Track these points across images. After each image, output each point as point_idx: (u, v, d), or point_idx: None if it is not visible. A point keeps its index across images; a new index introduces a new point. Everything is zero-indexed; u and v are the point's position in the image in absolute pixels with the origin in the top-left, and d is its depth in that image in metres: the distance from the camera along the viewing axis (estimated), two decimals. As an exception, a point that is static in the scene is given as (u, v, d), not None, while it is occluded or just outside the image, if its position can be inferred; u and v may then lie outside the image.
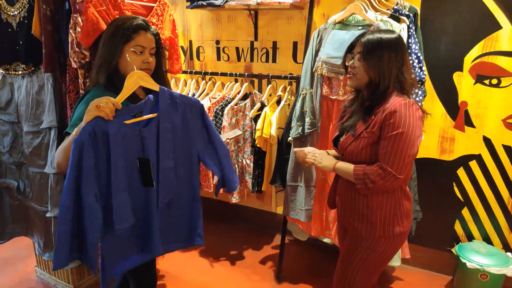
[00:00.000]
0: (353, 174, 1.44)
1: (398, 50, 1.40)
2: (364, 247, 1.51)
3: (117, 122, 1.29)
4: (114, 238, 1.37)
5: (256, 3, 2.54)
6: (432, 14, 2.33)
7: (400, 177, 1.37)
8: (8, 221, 2.31)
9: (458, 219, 2.53)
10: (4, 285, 2.46)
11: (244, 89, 2.70)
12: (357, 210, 1.51)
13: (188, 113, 1.48)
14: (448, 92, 2.39)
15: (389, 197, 1.46)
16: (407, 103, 1.36)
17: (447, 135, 2.45)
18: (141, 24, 1.42)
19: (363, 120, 1.46)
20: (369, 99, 1.46)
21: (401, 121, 1.34)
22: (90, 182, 1.26)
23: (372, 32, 1.44)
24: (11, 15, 2.00)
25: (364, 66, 1.42)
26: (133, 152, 1.36)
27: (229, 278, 2.58)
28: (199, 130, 1.52)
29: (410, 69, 1.46)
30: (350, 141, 1.48)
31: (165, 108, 1.40)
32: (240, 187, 2.74)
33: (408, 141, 1.35)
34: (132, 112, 1.34)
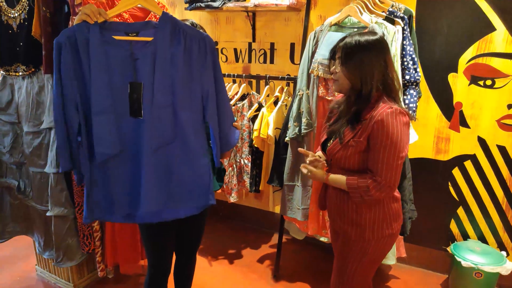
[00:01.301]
0: (346, 187, 1.45)
1: (379, 52, 1.38)
2: (356, 250, 1.53)
3: (103, 33, 1.22)
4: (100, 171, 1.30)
5: (254, 5, 2.57)
6: (427, 16, 2.36)
7: (395, 187, 1.39)
8: (8, 220, 2.34)
9: (453, 219, 2.56)
10: (4, 284, 2.49)
11: (242, 90, 2.73)
12: (346, 215, 1.53)
13: (194, 48, 1.31)
14: (443, 93, 2.42)
15: (377, 201, 1.47)
16: (394, 111, 1.36)
17: (442, 136, 2.48)
18: None
19: (351, 127, 1.45)
20: (355, 103, 1.45)
21: (388, 130, 1.34)
22: (69, 88, 1.24)
23: (352, 35, 1.42)
24: (12, 17, 2.03)
25: (344, 71, 1.42)
26: (123, 75, 1.26)
27: (227, 277, 2.61)
28: (205, 69, 1.34)
29: (394, 70, 1.45)
30: (338, 149, 1.49)
31: (164, 35, 1.26)
32: (238, 187, 2.77)
33: (398, 149, 1.36)
34: (126, 29, 1.27)
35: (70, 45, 1.20)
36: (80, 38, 1.21)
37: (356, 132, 1.42)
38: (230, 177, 2.72)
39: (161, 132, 1.30)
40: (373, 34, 1.41)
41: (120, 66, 1.25)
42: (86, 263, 2.40)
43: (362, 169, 1.47)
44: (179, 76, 1.29)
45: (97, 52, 1.21)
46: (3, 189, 2.31)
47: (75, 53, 1.21)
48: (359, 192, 1.42)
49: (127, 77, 1.26)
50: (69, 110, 1.26)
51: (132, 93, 1.26)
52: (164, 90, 1.28)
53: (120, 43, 1.24)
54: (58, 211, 2.09)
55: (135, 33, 1.27)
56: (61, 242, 2.14)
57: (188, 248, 1.83)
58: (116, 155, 1.30)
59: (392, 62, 1.44)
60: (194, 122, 1.36)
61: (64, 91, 1.24)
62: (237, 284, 2.53)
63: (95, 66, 1.22)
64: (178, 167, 1.36)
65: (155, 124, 1.28)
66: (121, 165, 1.33)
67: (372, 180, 1.39)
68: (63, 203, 2.09)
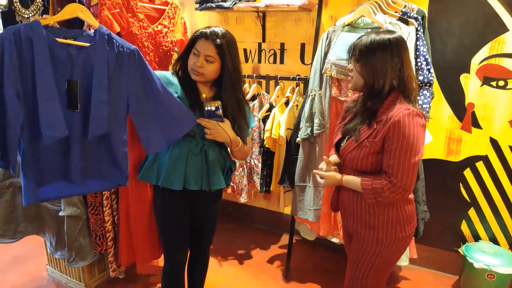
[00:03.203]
0: (361, 188, 1.44)
1: (394, 50, 1.38)
2: (370, 252, 1.52)
3: (45, 32, 1.37)
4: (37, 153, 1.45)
5: (265, 5, 2.57)
6: (439, 17, 2.35)
7: (410, 190, 1.39)
8: (20, 220, 2.34)
9: (464, 220, 2.56)
10: (16, 283, 2.49)
11: (253, 90, 2.73)
12: (360, 217, 1.52)
13: (125, 56, 1.53)
14: (455, 93, 2.42)
15: (391, 203, 1.46)
16: (410, 112, 1.35)
17: (454, 137, 2.47)
18: (204, 32, 1.57)
19: (367, 124, 1.44)
20: (368, 99, 1.45)
21: (405, 132, 1.34)
22: (11, 80, 1.35)
23: (368, 34, 1.43)
24: (26, 17, 2.03)
25: (357, 67, 1.43)
26: (64, 74, 1.44)
27: (238, 277, 2.61)
28: (133, 75, 1.55)
29: (411, 69, 1.44)
30: (352, 148, 1.48)
31: (102, 42, 1.47)
32: (248, 187, 2.77)
33: (414, 151, 1.35)
34: (65, 34, 1.46)
35: (15, 40, 1.34)
36: (24, 36, 1.35)
37: (372, 132, 1.42)
38: (241, 178, 2.72)
39: (99, 125, 1.50)
40: (390, 33, 1.41)
41: (60, 63, 1.42)
42: (97, 263, 2.41)
43: (375, 170, 1.46)
44: (111, 78, 1.50)
45: (42, 48, 1.37)
46: (15, 189, 2.30)
47: (19, 48, 1.35)
48: (373, 193, 1.41)
49: (65, 75, 1.44)
50: (13, 101, 1.37)
51: (70, 89, 1.45)
52: (101, 88, 1.47)
53: (60, 44, 1.42)
54: (70, 211, 2.09)
55: (72, 38, 1.47)
56: (74, 242, 2.14)
57: (201, 244, 1.91)
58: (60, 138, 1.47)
59: (409, 60, 1.43)
60: (120, 116, 1.57)
61: (5, 85, 1.36)
62: (249, 285, 2.53)
63: (40, 61, 1.37)
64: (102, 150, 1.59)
65: (95, 117, 1.48)
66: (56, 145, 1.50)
67: (387, 181, 1.38)
68: (75, 203, 2.09)
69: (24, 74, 1.37)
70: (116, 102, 1.53)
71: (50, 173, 1.51)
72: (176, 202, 1.72)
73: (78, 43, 1.45)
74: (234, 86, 1.65)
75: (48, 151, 1.48)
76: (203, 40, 1.56)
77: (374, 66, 1.39)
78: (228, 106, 1.65)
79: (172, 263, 1.81)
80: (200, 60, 1.56)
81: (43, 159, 1.48)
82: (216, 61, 1.59)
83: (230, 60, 1.59)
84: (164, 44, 2.13)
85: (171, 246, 1.79)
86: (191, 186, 1.66)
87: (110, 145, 1.58)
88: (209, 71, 1.59)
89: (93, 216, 2.12)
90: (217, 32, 1.57)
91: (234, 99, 1.66)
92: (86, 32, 1.50)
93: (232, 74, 1.62)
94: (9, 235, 2.30)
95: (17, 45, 1.34)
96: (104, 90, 1.47)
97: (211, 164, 1.68)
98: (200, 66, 1.57)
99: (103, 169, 1.61)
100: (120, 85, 1.53)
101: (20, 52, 1.35)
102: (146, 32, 2.02)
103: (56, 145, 1.48)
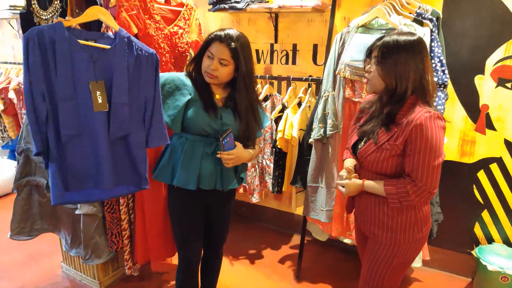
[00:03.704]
0: (385, 192, 1.43)
1: (416, 53, 1.36)
2: (387, 253, 1.52)
3: (67, 34, 1.41)
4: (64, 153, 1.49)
5: (278, 6, 2.58)
6: (454, 17, 2.34)
7: (434, 192, 1.38)
8: (36, 218, 2.38)
9: (478, 222, 2.54)
10: (31, 280, 2.53)
11: (265, 91, 2.74)
12: (376, 218, 1.52)
13: (143, 60, 1.57)
14: (469, 95, 2.40)
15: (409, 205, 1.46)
16: (432, 115, 1.35)
17: (468, 138, 2.46)
18: (219, 35, 1.58)
19: (385, 128, 1.43)
20: (388, 104, 1.43)
21: (428, 135, 1.33)
22: (36, 78, 1.39)
23: (390, 34, 1.40)
24: (44, 18, 2.07)
25: (379, 71, 1.40)
26: (84, 73, 1.46)
27: (250, 277, 2.63)
28: (151, 78, 1.60)
29: (431, 73, 1.43)
30: (371, 151, 1.47)
31: (122, 45, 1.50)
32: (260, 188, 2.78)
33: (437, 154, 1.35)
34: (86, 36, 1.49)
35: (38, 41, 1.38)
36: (47, 37, 1.39)
37: (392, 135, 1.41)
38: (253, 178, 2.74)
39: (119, 126, 1.54)
40: (412, 35, 1.39)
41: (81, 65, 1.46)
42: (111, 261, 2.44)
43: (395, 173, 1.45)
44: (132, 79, 1.54)
45: (64, 50, 1.41)
46: (31, 187, 2.34)
47: (43, 49, 1.39)
48: (398, 197, 1.41)
49: (88, 76, 1.47)
50: (37, 99, 1.42)
51: (95, 90, 1.48)
52: (122, 90, 1.51)
53: (82, 46, 1.46)
54: (87, 209, 2.12)
55: (93, 40, 1.50)
56: (90, 240, 2.18)
57: (215, 243, 1.94)
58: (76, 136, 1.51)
59: (430, 64, 1.41)
60: (138, 118, 1.61)
61: (32, 83, 1.40)
62: (260, 285, 2.55)
63: (60, 62, 1.41)
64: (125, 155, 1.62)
65: (116, 118, 1.51)
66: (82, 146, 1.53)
67: (412, 185, 1.38)
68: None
69: (47, 74, 1.41)
70: (134, 104, 1.57)
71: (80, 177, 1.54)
72: (191, 202, 1.75)
73: (99, 45, 1.48)
74: (248, 88, 1.66)
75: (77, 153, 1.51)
76: (217, 43, 1.57)
77: (397, 69, 1.36)
78: (241, 108, 1.66)
79: (186, 261, 1.84)
80: (214, 63, 1.58)
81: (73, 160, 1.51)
82: (230, 64, 1.60)
83: (244, 63, 1.61)
84: (179, 45, 2.15)
85: (185, 245, 1.82)
86: (205, 186, 1.68)
87: (130, 148, 1.60)
88: (223, 74, 1.61)
89: (109, 215, 2.15)
90: (232, 35, 1.57)
91: (247, 101, 1.67)
92: (106, 34, 1.53)
93: (246, 76, 1.63)
94: (25, 232, 2.35)
95: (41, 46, 1.38)
96: (124, 92, 1.51)
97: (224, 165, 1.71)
98: (214, 69, 1.58)
99: (128, 173, 1.64)
100: (138, 87, 1.57)
101: (44, 52, 1.39)
102: (163, 34, 2.04)
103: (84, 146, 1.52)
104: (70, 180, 1.52)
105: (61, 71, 1.41)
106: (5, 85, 3.67)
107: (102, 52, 1.48)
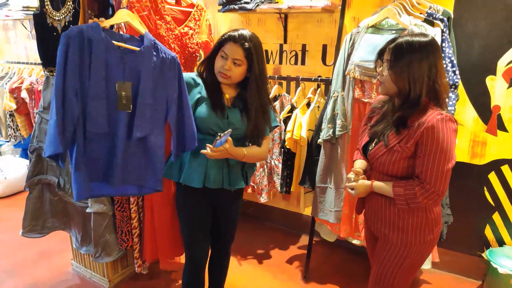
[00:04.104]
0: (393, 194, 1.43)
1: (429, 55, 1.33)
2: (398, 254, 1.51)
3: (103, 35, 1.45)
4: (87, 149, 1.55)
5: (287, 7, 2.59)
6: (465, 18, 2.32)
7: (443, 195, 1.37)
8: (48, 216, 2.41)
9: (488, 224, 2.51)
10: (42, 277, 2.57)
11: (274, 91, 2.74)
12: (387, 219, 1.51)
13: (167, 62, 1.61)
14: (480, 96, 2.38)
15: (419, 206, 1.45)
16: (444, 117, 1.33)
17: (479, 139, 2.44)
18: (233, 36, 1.59)
19: (396, 131, 1.42)
20: (401, 108, 1.41)
21: (439, 137, 1.32)
22: (72, 75, 1.42)
23: (402, 36, 1.38)
24: (57, 19, 2.09)
25: (391, 75, 1.38)
26: (115, 73, 1.51)
27: (257, 277, 2.63)
28: (172, 81, 1.63)
29: (444, 76, 1.40)
30: (382, 153, 1.46)
31: (149, 48, 1.54)
32: (269, 188, 2.79)
33: (448, 157, 1.34)
34: (118, 38, 1.55)
35: (78, 40, 1.42)
36: (86, 35, 1.43)
37: (403, 137, 1.40)
38: (261, 178, 2.74)
39: (142, 127, 1.57)
40: (425, 36, 1.36)
41: (113, 65, 1.50)
42: (121, 259, 2.46)
43: (406, 175, 1.45)
44: (156, 81, 1.59)
45: (100, 50, 1.45)
46: (43, 185, 2.38)
47: (81, 47, 1.43)
48: (405, 199, 1.40)
49: (117, 76, 1.52)
50: (70, 97, 1.45)
51: (121, 90, 1.52)
52: (148, 92, 1.56)
53: (115, 47, 1.50)
54: (97, 207, 2.14)
55: (123, 42, 1.54)
56: (100, 238, 2.20)
57: (222, 242, 1.94)
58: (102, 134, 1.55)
59: (443, 67, 1.39)
60: (160, 120, 1.65)
61: (67, 81, 1.43)
62: (268, 284, 2.55)
63: (96, 61, 1.45)
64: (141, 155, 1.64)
65: (140, 119, 1.55)
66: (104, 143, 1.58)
67: (420, 187, 1.37)
68: (102, 200, 2.15)
69: (82, 72, 1.45)
70: (158, 106, 1.60)
71: (95, 171, 1.59)
72: (197, 200, 1.76)
73: (130, 47, 1.52)
74: (260, 88, 1.67)
75: (96, 149, 1.56)
76: (231, 44, 1.59)
77: (410, 73, 1.34)
78: (251, 108, 1.66)
79: (193, 260, 1.85)
80: (228, 63, 1.59)
81: (91, 156, 1.56)
82: (244, 64, 1.62)
83: (257, 63, 1.62)
84: (190, 45, 2.16)
85: (192, 244, 1.83)
86: (210, 185, 1.69)
87: (149, 148, 1.63)
88: (236, 74, 1.62)
89: (119, 213, 2.17)
90: (245, 35, 1.59)
91: (258, 102, 1.67)
92: (134, 37, 1.58)
93: (258, 77, 1.64)
94: (37, 230, 2.38)
95: (80, 44, 1.42)
96: (150, 94, 1.55)
97: (231, 162, 1.71)
98: (228, 69, 1.60)
99: (141, 174, 1.67)
100: (162, 89, 1.60)
101: (82, 51, 1.43)
102: (173, 34, 2.06)
103: (103, 143, 1.56)
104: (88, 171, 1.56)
105: (95, 70, 1.45)
106: (18, 84, 3.74)
107: (132, 54, 1.53)
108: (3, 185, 3.87)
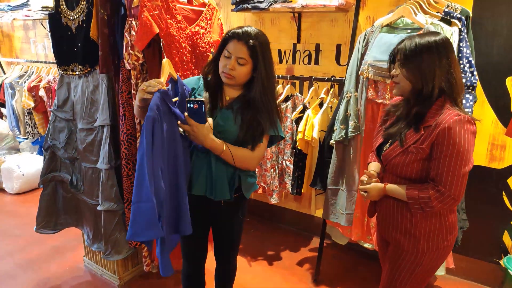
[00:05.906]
0: (407, 198, 1.39)
1: (441, 51, 1.32)
2: (410, 260, 1.47)
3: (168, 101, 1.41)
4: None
5: (301, 6, 2.55)
6: (485, 16, 2.25)
7: (459, 200, 1.33)
8: (61, 213, 2.45)
9: (507, 230, 2.43)
10: (54, 273, 2.61)
11: (286, 91, 2.72)
12: (399, 224, 1.47)
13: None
14: (499, 97, 2.30)
15: (434, 212, 1.41)
16: (461, 119, 1.29)
17: (498, 142, 2.36)
18: (237, 33, 1.49)
19: (414, 128, 1.39)
20: (415, 104, 1.39)
21: (455, 139, 1.28)
22: (158, 157, 1.35)
23: (410, 37, 1.38)
24: (71, 19, 2.12)
25: (404, 73, 1.37)
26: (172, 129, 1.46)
27: (267, 278, 2.61)
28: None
29: (459, 71, 1.37)
30: (396, 154, 1.43)
31: (183, 99, 1.50)
32: (279, 188, 2.76)
33: (464, 159, 1.29)
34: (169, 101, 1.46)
35: (159, 116, 1.35)
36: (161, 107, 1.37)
37: (419, 137, 1.36)
38: (272, 179, 2.72)
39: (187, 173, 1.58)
40: (435, 34, 1.35)
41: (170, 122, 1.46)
42: (131, 257, 2.48)
43: (420, 177, 1.40)
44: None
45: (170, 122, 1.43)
46: (57, 182, 2.42)
47: (161, 121, 1.37)
48: (419, 203, 1.36)
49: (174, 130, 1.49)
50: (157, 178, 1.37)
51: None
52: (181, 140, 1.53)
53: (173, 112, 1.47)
54: (108, 205, 2.16)
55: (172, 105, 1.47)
56: (110, 236, 2.22)
57: (225, 256, 1.87)
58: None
59: (457, 62, 1.36)
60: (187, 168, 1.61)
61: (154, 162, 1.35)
62: (278, 286, 2.53)
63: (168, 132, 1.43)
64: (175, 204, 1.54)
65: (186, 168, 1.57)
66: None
67: (435, 190, 1.33)
68: (113, 198, 2.17)
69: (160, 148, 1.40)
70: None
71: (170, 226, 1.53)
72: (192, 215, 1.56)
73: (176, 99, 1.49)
74: (266, 91, 1.52)
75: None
76: (235, 41, 1.48)
77: (421, 69, 1.34)
78: (254, 112, 1.53)
79: (189, 264, 1.82)
80: (232, 62, 1.48)
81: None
82: (248, 63, 1.49)
83: (263, 61, 1.49)
84: (201, 45, 2.16)
85: (185, 249, 1.79)
86: (193, 191, 1.60)
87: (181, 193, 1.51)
88: (240, 74, 1.50)
89: (129, 211, 2.18)
90: (250, 32, 1.47)
91: (261, 105, 1.52)
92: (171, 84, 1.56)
93: (265, 77, 1.51)
94: (50, 226, 2.43)
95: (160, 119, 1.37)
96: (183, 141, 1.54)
97: (214, 168, 1.57)
98: (232, 69, 1.48)
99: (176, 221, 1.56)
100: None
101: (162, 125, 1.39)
102: (184, 33, 2.06)
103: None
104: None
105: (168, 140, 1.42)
106: (36, 83, 3.82)
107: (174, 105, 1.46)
108: (21, 181, 3.96)
